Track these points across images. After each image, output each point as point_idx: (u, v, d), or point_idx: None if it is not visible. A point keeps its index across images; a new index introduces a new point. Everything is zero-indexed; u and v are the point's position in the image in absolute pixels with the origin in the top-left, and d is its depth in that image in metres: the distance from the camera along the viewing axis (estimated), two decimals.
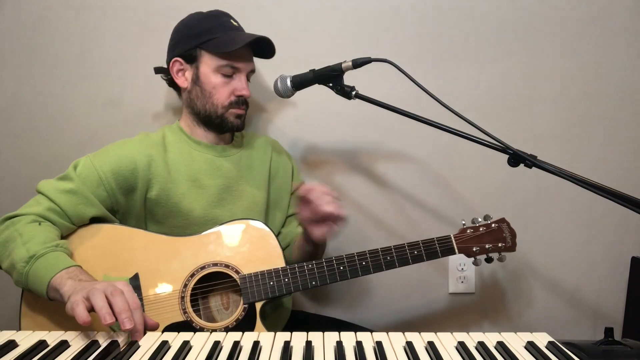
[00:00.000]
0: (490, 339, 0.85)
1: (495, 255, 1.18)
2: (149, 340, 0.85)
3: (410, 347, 0.80)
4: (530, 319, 1.55)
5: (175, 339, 0.85)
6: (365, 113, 1.44)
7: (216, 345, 0.81)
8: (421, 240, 1.14)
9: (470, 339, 0.85)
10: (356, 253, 1.12)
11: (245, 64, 1.22)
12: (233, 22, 1.24)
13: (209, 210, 1.20)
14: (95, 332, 0.87)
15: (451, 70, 1.49)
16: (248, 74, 1.25)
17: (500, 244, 1.16)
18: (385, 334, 0.86)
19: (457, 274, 1.54)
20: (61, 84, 1.49)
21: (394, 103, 1.12)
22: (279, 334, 0.86)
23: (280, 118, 1.52)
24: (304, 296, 1.57)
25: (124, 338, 0.86)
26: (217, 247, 1.12)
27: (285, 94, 1.23)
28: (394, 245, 1.13)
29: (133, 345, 0.82)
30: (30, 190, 1.14)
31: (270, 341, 0.84)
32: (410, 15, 1.48)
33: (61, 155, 1.45)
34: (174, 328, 1.05)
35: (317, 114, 1.51)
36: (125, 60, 1.49)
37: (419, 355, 0.78)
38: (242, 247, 1.13)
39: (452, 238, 1.16)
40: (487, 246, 1.16)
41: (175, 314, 1.06)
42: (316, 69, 1.19)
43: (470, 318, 1.57)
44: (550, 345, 0.82)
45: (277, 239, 1.15)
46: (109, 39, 1.48)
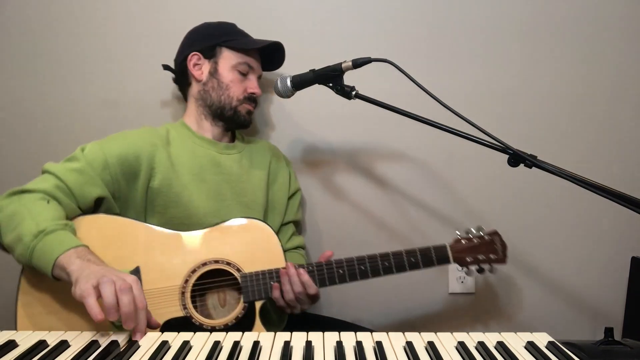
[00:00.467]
0: (490, 339, 0.85)
1: (486, 266, 1.20)
2: (149, 340, 0.85)
3: (410, 347, 0.80)
4: (530, 319, 1.54)
5: (175, 339, 0.85)
6: (365, 113, 1.44)
7: (216, 345, 0.81)
8: (418, 248, 1.17)
9: (470, 339, 0.85)
10: (355, 257, 1.15)
11: (257, 65, 1.33)
12: (244, 32, 1.35)
13: (208, 203, 1.21)
14: (95, 332, 0.87)
15: (451, 70, 1.49)
16: (258, 78, 1.34)
17: (492, 256, 1.19)
18: (385, 334, 0.86)
19: (457, 274, 1.53)
20: (61, 83, 1.49)
21: (394, 103, 1.12)
22: (279, 334, 0.86)
23: (281, 118, 1.52)
24: None
25: (124, 338, 0.86)
26: (220, 244, 1.12)
27: (285, 94, 1.23)
28: (391, 252, 1.16)
29: (133, 345, 0.82)
30: None
31: (270, 341, 0.84)
32: (410, 15, 1.48)
33: (61, 155, 1.45)
34: (173, 323, 1.05)
35: (317, 114, 1.51)
36: (125, 60, 1.49)
37: (419, 355, 0.78)
38: (244, 246, 1.13)
39: (448, 248, 1.19)
40: (480, 257, 1.19)
41: (175, 309, 1.06)
42: (316, 69, 1.19)
43: (470, 318, 1.57)
44: (550, 345, 0.82)
45: (280, 240, 1.15)
46: (109, 39, 1.48)
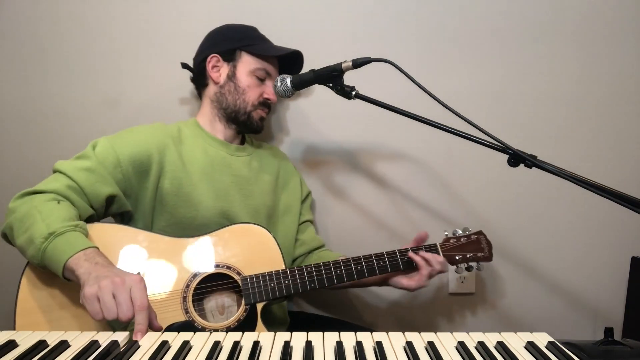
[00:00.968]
0: (490, 339, 0.85)
1: (474, 264, 1.26)
2: (149, 340, 0.85)
3: (410, 347, 0.80)
4: (530, 319, 1.55)
5: (175, 339, 0.85)
6: (365, 113, 1.44)
7: (216, 345, 0.81)
8: (410, 247, 1.22)
9: (470, 339, 0.85)
10: (352, 258, 1.19)
11: (276, 72, 1.33)
12: (265, 37, 1.36)
13: (217, 204, 1.22)
14: (95, 332, 0.87)
15: (451, 70, 1.49)
16: None
17: (479, 254, 1.26)
18: (385, 334, 0.86)
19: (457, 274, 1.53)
20: (61, 83, 1.49)
21: (394, 103, 1.12)
22: (279, 334, 0.86)
23: (281, 118, 1.52)
24: (304, 296, 1.57)
25: (124, 338, 0.86)
26: (219, 249, 1.14)
27: (285, 94, 1.23)
28: (386, 252, 1.20)
29: (133, 345, 0.82)
30: None
31: (270, 341, 0.84)
32: (410, 15, 1.48)
33: (61, 155, 1.44)
34: (175, 328, 1.05)
35: (317, 114, 1.51)
36: (125, 60, 1.49)
37: (419, 355, 0.78)
38: (244, 250, 1.14)
39: (438, 246, 1.25)
40: (468, 255, 1.26)
41: (177, 314, 1.06)
42: (316, 69, 1.19)
43: (470, 318, 1.57)
44: (550, 345, 0.82)
45: (278, 244, 1.17)
46: (110, 39, 1.48)
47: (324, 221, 1.54)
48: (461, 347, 0.80)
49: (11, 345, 0.82)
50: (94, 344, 0.82)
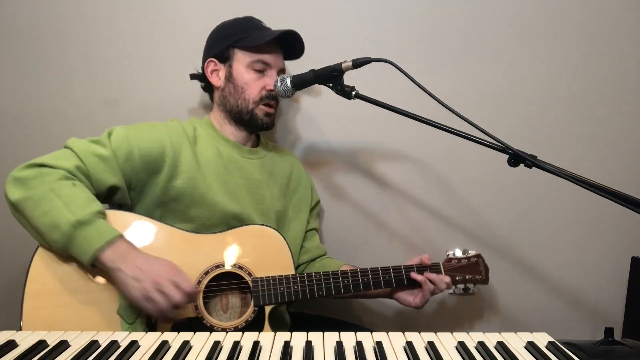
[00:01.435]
0: (490, 339, 0.85)
1: (471, 286, 1.29)
2: (149, 340, 0.85)
3: (410, 347, 0.80)
4: (530, 319, 1.54)
5: (175, 339, 0.85)
6: (365, 113, 1.44)
7: (216, 345, 0.81)
8: (415, 265, 1.25)
9: (470, 339, 0.85)
10: (359, 269, 1.21)
11: (275, 59, 1.29)
12: (263, 24, 1.32)
13: (230, 206, 1.21)
14: (95, 332, 0.87)
15: (451, 71, 1.49)
16: (278, 72, 1.30)
17: (477, 277, 1.29)
18: (385, 334, 0.86)
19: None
20: (61, 83, 1.49)
21: (394, 103, 1.12)
22: (279, 333, 0.86)
23: (280, 118, 1.52)
24: None
25: (124, 338, 0.86)
26: (233, 249, 1.15)
27: (285, 93, 1.23)
28: (392, 266, 1.23)
29: (133, 345, 0.82)
30: None
31: (270, 341, 0.84)
32: (410, 15, 1.48)
33: None
34: (185, 323, 1.07)
35: (317, 114, 1.51)
36: (125, 60, 1.49)
37: (419, 355, 0.78)
38: (257, 252, 1.16)
39: (441, 266, 1.27)
40: (467, 277, 1.29)
41: (187, 310, 1.07)
42: (316, 69, 1.19)
43: (470, 318, 1.57)
44: (550, 345, 0.82)
45: (290, 249, 1.18)
46: (110, 39, 1.48)
47: (324, 221, 1.54)
48: (461, 347, 0.80)
49: (11, 345, 0.82)
50: (93, 344, 0.82)
